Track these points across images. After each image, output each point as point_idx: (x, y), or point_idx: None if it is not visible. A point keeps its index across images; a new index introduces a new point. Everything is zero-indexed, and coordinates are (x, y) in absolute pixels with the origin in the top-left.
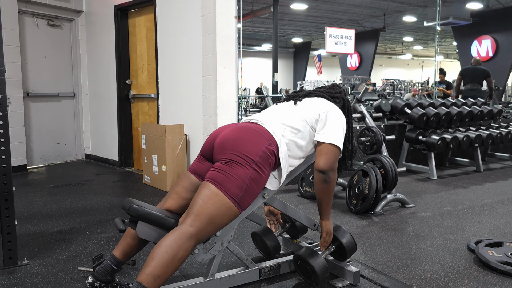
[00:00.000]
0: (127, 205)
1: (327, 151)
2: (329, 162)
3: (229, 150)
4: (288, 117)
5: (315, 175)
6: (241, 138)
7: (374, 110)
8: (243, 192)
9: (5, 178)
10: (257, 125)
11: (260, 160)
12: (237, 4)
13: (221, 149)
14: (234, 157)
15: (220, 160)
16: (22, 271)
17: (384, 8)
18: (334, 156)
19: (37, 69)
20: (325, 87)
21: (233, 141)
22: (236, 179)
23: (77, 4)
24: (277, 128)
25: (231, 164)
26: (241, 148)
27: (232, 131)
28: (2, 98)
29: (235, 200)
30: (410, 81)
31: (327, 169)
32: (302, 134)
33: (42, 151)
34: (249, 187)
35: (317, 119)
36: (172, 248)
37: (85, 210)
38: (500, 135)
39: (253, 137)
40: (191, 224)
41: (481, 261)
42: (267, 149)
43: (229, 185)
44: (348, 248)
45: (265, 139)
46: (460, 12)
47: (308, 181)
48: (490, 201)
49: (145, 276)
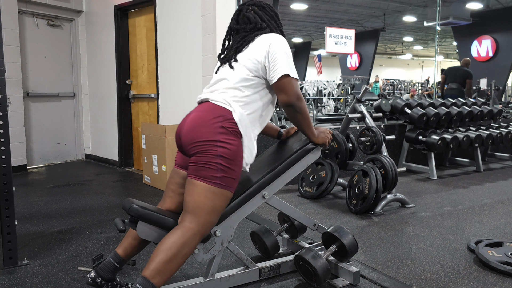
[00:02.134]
0: (127, 205)
1: (283, 86)
2: (290, 94)
3: (191, 144)
4: (232, 80)
5: (284, 110)
6: (195, 127)
7: (374, 110)
8: (220, 172)
9: (5, 178)
10: (208, 103)
11: (220, 137)
12: (237, 4)
13: (186, 146)
14: (197, 148)
15: (190, 155)
16: (22, 271)
17: (384, 8)
18: (291, 85)
19: (37, 69)
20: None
21: (191, 134)
22: (208, 164)
23: (77, 4)
24: (226, 96)
25: (198, 155)
26: (198, 137)
27: (187, 125)
28: (2, 98)
29: (216, 183)
30: (410, 81)
31: (292, 101)
32: (253, 86)
33: (42, 151)
34: (225, 165)
35: (262, 67)
36: (176, 245)
37: (85, 210)
38: (500, 135)
39: (205, 121)
40: (190, 221)
41: (481, 261)
42: (223, 123)
43: (205, 172)
44: (349, 249)
45: (217, 116)
46: (460, 12)
47: (308, 181)
48: (490, 201)
49: (150, 271)
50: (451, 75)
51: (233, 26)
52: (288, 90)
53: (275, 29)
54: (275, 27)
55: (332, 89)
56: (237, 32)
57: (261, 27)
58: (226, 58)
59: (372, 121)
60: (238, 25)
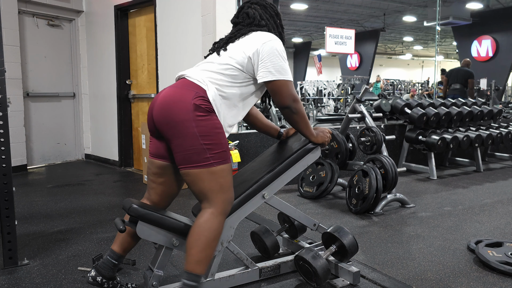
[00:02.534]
0: (127, 205)
1: (277, 89)
2: (284, 96)
3: (165, 125)
4: (215, 65)
5: (281, 112)
6: (167, 104)
7: (374, 110)
8: (208, 152)
9: (5, 178)
10: (183, 80)
11: (193, 114)
12: (237, 4)
13: (160, 126)
14: (173, 130)
15: (168, 139)
16: (22, 271)
17: (384, 8)
18: (287, 88)
19: (37, 69)
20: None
21: (163, 113)
22: (192, 148)
23: (77, 4)
24: (203, 75)
25: (178, 139)
26: (172, 115)
27: (160, 102)
28: (2, 98)
29: (211, 163)
30: (410, 81)
31: (287, 103)
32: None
33: (42, 151)
34: (209, 142)
35: (249, 62)
36: (204, 233)
37: (85, 210)
38: (500, 135)
39: (177, 97)
40: (208, 207)
41: (481, 261)
42: (195, 100)
43: (194, 157)
44: (349, 249)
45: (191, 91)
46: (460, 12)
47: (308, 181)
48: (490, 201)
49: (190, 264)
50: (453, 76)
51: (232, 20)
52: (283, 93)
53: (274, 29)
54: (274, 27)
55: (332, 89)
56: (235, 25)
57: (259, 24)
58: (217, 46)
59: (372, 121)
60: (237, 19)
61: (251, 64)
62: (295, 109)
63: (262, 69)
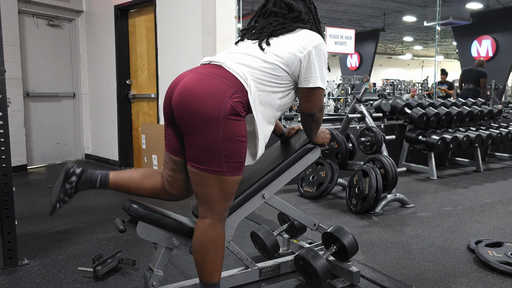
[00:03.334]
0: (127, 205)
1: (313, 96)
2: (315, 105)
3: (187, 116)
4: (258, 61)
5: (303, 117)
6: (196, 96)
7: (374, 110)
8: (225, 158)
9: (5, 178)
10: (220, 68)
11: (226, 116)
12: (237, 4)
13: (181, 117)
14: (195, 124)
15: (185, 132)
16: (22, 271)
17: (384, 8)
18: (320, 98)
19: (37, 69)
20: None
21: (189, 104)
22: (210, 150)
23: (77, 4)
24: (243, 70)
25: (197, 136)
26: (198, 109)
27: (185, 89)
28: (2, 98)
29: (223, 171)
30: (410, 81)
31: (314, 112)
32: (279, 78)
33: (42, 151)
34: (229, 148)
35: (297, 64)
36: (206, 243)
37: (85, 210)
38: (500, 135)
39: (212, 90)
40: (206, 215)
41: (481, 261)
42: (234, 99)
43: (207, 160)
44: (349, 249)
45: (229, 87)
46: (460, 12)
47: (308, 181)
48: (490, 201)
49: (203, 276)
50: (466, 77)
51: (269, 7)
52: (315, 102)
53: (313, 26)
54: (313, 24)
55: (332, 89)
56: (274, 15)
57: (303, 19)
58: (255, 36)
59: (372, 121)
60: (274, 8)
61: (299, 68)
62: (317, 118)
63: (309, 73)
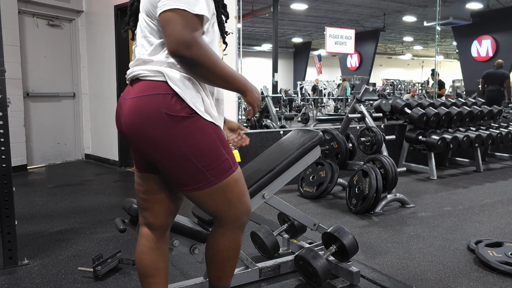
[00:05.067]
0: (127, 205)
1: (162, 25)
2: (170, 38)
3: (145, 148)
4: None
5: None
6: (139, 127)
7: (374, 110)
8: (206, 170)
9: (5, 178)
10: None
11: (174, 128)
12: (237, 4)
13: (140, 150)
14: (155, 153)
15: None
16: (22, 271)
17: (384, 8)
18: (173, 24)
19: (37, 69)
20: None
21: (138, 136)
22: (185, 170)
23: (77, 4)
24: (153, 65)
25: (165, 163)
26: (147, 137)
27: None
28: (2, 98)
29: (212, 181)
30: (410, 81)
31: (174, 50)
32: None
33: (42, 151)
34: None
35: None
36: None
37: (85, 210)
38: (500, 135)
39: (145, 111)
40: (218, 226)
41: (481, 261)
42: (166, 104)
43: (190, 179)
44: (349, 249)
45: (153, 96)
46: (460, 12)
47: (308, 181)
48: (490, 201)
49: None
50: (490, 79)
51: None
52: (167, 32)
53: None
54: None
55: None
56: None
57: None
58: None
59: (372, 121)
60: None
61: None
62: (192, 59)
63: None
